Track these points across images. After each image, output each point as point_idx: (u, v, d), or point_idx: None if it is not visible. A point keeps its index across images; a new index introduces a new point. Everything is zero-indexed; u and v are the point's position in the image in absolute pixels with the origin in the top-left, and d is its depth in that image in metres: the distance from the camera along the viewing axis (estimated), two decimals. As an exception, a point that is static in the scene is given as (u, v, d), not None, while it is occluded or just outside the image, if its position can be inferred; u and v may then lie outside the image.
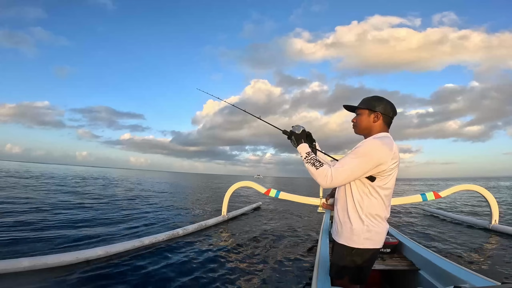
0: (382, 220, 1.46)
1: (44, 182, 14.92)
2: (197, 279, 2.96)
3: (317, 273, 1.85)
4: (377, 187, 1.43)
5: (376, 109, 1.50)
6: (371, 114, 1.52)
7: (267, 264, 3.48)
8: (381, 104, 1.51)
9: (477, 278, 1.66)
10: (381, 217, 1.45)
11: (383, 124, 1.51)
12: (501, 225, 5.66)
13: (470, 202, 12.04)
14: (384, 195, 1.45)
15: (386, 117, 1.51)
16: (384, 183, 1.43)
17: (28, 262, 2.77)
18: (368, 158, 1.36)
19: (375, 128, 1.51)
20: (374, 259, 1.57)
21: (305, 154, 1.51)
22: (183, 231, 4.69)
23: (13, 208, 6.29)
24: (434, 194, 5.77)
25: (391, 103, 1.54)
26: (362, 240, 1.45)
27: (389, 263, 2.43)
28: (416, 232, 5.74)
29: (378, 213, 1.44)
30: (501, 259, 3.83)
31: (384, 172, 1.40)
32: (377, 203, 1.44)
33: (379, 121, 1.50)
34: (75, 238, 4.20)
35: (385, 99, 1.54)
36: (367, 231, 1.44)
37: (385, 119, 1.51)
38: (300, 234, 5.33)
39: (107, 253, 3.34)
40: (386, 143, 1.40)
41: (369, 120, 1.52)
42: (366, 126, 1.53)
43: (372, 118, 1.51)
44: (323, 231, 3.47)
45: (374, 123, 1.51)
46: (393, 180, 1.47)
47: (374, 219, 1.44)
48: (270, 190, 6.13)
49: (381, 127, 1.51)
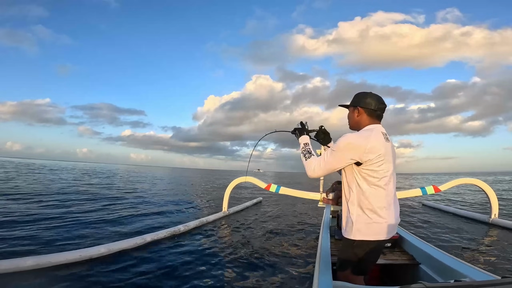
0: (381, 212, 1.46)
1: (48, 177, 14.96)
2: (199, 275, 2.98)
3: (319, 267, 1.87)
4: (371, 178, 1.46)
5: (356, 104, 1.59)
6: (354, 110, 1.61)
7: (269, 259, 3.50)
8: (361, 99, 1.59)
9: (477, 272, 1.68)
10: (380, 209, 1.46)
11: (368, 117, 1.57)
12: (501, 219, 5.69)
13: (470, 195, 12.09)
14: (381, 186, 1.47)
15: (367, 110, 1.56)
16: (375, 173, 1.46)
17: (32, 261, 2.80)
18: (343, 151, 1.45)
19: (362, 123, 1.58)
20: (377, 251, 1.60)
21: (302, 145, 1.67)
22: (185, 228, 4.71)
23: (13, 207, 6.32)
24: (434, 188, 5.79)
25: (373, 96, 1.58)
26: (361, 232, 1.47)
27: (389, 257, 2.45)
28: (416, 226, 5.77)
29: (376, 205, 1.46)
30: (501, 253, 3.85)
31: (370, 161, 1.43)
32: (375, 195, 1.46)
33: (362, 115, 1.58)
34: (76, 236, 4.23)
35: (366, 93, 1.60)
36: (365, 223, 1.47)
37: (368, 112, 1.57)
38: (301, 229, 5.36)
39: (110, 251, 3.36)
40: (361, 135, 1.48)
41: (354, 116, 1.61)
42: (353, 122, 1.63)
43: (355, 113, 1.60)
44: (324, 226, 3.49)
45: (358, 118, 1.59)
46: (385, 171, 1.48)
47: (372, 212, 1.46)
48: (270, 185, 6.15)
49: (367, 120, 1.57)
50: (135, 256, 3.41)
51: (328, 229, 3.27)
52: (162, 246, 3.90)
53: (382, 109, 1.57)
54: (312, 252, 3.79)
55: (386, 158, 1.47)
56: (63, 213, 5.97)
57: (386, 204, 1.48)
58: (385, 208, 1.48)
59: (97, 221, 5.41)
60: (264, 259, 3.52)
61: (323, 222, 3.88)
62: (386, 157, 1.47)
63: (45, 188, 10.75)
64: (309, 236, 4.77)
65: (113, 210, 6.74)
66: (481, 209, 7.82)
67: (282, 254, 3.73)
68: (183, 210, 7.54)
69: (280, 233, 4.96)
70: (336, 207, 5.27)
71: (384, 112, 1.59)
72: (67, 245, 3.73)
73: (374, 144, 1.43)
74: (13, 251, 3.37)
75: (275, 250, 3.94)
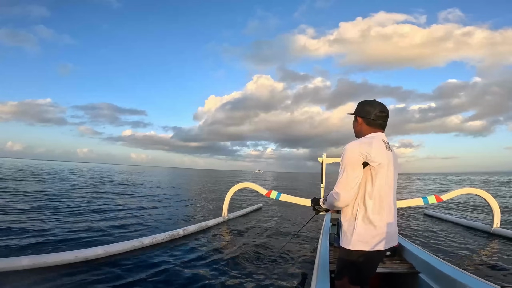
0: (380, 222, 1.45)
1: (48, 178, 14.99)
2: (197, 280, 2.95)
3: (317, 275, 1.85)
4: (371, 187, 1.44)
5: (356, 114, 1.62)
6: (355, 119, 1.64)
7: (267, 266, 3.47)
8: (361, 107, 1.60)
9: (477, 282, 1.66)
10: (379, 219, 1.45)
11: (367, 126, 1.58)
12: (502, 229, 5.62)
13: (472, 205, 11.97)
14: (380, 196, 1.45)
15: (366, 119, 1.57)
16: (375, 181, 1.44)
17: (28, 260, 2.79)
18: (351, 158, 1.44)
19: (363, 131, 1.59)
20: (375, 262, 1.57)
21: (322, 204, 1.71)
22: (183, 232, 4.69)
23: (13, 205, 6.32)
24: (436, 197, 5.74)
25: (374, 105, 1.58)
26: (359, 242, 1.45)
27: (389, 266, 2.42)
28: (416, 235, 5.71)
29: (375, 215, 1.44)
30: (502, 262, 3.80)
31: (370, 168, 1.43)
32: (374, 205, 1.45)
33: (362, 125, 1.59)
34: (74, 237, 4.22)
35: (367, 102, 1.61)
36: (363, 234, 1.45)
37: (367, 122, 1.57)
38: (301, 236, 5.31)
39: (107, 253, 3.35)
40: (363, 141, 1.49)
41: (356, 125, 1.65)
42: (356, 131, 1.65)
43: (356, 123, 1.62)
44: (323, 233, 3.46)
45: (359, 127, 1.61)
46: (385, 180, 1.46)
47: (371, 222, 1.44)
48: (271, 192, 6.12)
49: (368, 130, 1.57)
50: (132, 258, 3.39)
51: (327, 237, 3.25)
52: (160, 249, 3.87)
53: (382, 118, 1.56)
54: (310, 259, 3.75)
55: (387, 167, 1.46)
56: (64, 213, 5.97)
57: (385, 214, 1.46)
58: (385, 218, 1.46)
59: (95, 222, 5.40)
60: (263, 265, 3.49)
61: (323, 229, 3.86)
62: (387, 167, 1.46)
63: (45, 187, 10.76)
64: (308, 244, 4.73)
65: (109, 212, 6.72)
66: (483, 219, 7.73)
67: (281, 261, 3.69)
68: (182, 213, 7.51)
69: (279, 240, 4.92)
70: (336, 214, 5.25)
71: (386, 120, 1.58)
72: (62, 246, 3.71)
73: (376, 152, 1.43)
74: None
75: (273, 256, 3.90)
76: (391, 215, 1.50)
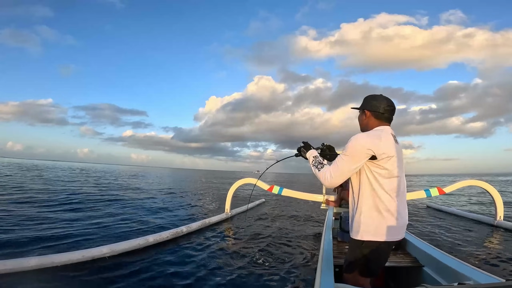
0: (391, 213, 1.46)
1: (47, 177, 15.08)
2: (201, 277, 2.98)
3: (321, 269, 1.87)
4: (381, 178, 1.46)
5: (363, 108, 1.62)
6: (362, 113, 1.64)
7: (271, 261, 3.49)
8: (369, 101, 1.61)
9: (481, 275, 1.66)
10: (389, 210, 1.46)
11: (375, 120, 1.58)
12: (506, 222, 5.62)
13: (475, 197, 11.96)
14: (387, 187, 1.46)
15: (374, 113, 1.58)
16: (385, 173, 1.45)
17: (36, 261, 2.82)
18: (356, 147, 1.45)
19: (370, 125, 1.60)
20: (386, 252, 1.59)
21: (312, 159, 1.66)
22: (187, 229, 4.71)
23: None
24: (438, 190, 5.74)
25: (381, 98, 1.59)
26: (370, 233, 1.47)
27: (392, 259, 2.43)
28: (420, 228, 5.72)
29: (386, 205, 1.46)
30: (506, 255, 3.81)
31: (382, 159, 1.44)
32: (385, 195, 1.46)
33: (370, 118, 1.60)
34: (80, 237, 4.26)
35: (375, 96, 1.62)
36: (374, 224, 1.46)
37: (375, 115, 1.58)
38: (303, 231, 5.34)
39: (112, 252, 3.37)
40: (371, 134, 1.49)
41: (362, 118, 1.65)
42: (362, 125, 1.66)
43: (364, 116, 1.63)
44: (326, 228, 3.48)
45: (366, 120, 1.61)
46: (395, 172, 1.47)
47: (381, 212, 1.46)
48: (273, 187, 6.13)
49: (375, 123, 1.58)
50: (137, 257, 3.42)
51: (330, 231, 3.26)
52: (164, 247, 3.90)
53: (389, 111, 1.57)
54: (314, 254, 3.78)
55: (396, 159, 1.47)
56: (63, 213, 6.02)
57: (395, 205, 1.48)
58: (395, 209, 1.47)
59: (99, 221, 5.44)
60: (266, 260, 3.51)
61: (326, 224, 3.87)
62: (396, 158, 1.47)
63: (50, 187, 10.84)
64: (312, 238, 4.75)
65: (114, 211, 6.77)
66: (486, 211, 7.74)
67: (284, 256, 3.71)
68: (185, 211, 7.56)
69: (282, 235, 4.94)
70: (339, 209, 5.26)
71: (393, 114, 1.59)
72: (69, 245, 3.75)
73: (385, 144, 1.44)
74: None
75: (277, 251, 3.93)
76: (403, 207, 1.52)
